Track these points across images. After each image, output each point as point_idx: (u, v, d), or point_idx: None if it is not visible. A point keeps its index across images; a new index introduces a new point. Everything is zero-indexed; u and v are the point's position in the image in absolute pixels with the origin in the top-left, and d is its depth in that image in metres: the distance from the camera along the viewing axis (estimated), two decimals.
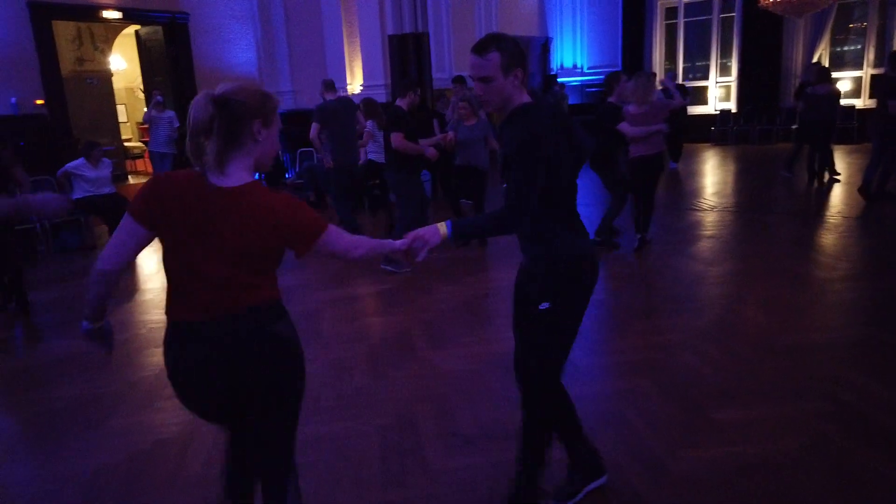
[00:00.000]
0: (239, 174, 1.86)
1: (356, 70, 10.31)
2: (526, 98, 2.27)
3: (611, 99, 6.27)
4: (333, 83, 7.19)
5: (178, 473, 2.96)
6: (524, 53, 2.26)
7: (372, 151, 8.11)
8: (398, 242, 2.19)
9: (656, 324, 4.47)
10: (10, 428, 3.63)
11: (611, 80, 6.37)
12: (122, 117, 14.82)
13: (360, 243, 2.06)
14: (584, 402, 3.35)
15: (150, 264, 6.86)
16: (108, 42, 14.34)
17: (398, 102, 6.09)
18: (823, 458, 2.76)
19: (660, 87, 7.96)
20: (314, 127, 6.75)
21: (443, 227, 2.21)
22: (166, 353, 1.91)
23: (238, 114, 1.81)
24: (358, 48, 10.14)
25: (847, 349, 3.86)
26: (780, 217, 7.69)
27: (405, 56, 9.75)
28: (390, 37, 9.71)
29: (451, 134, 6.75)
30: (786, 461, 2.76)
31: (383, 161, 6.68)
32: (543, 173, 2.17)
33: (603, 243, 6.33)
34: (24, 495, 2.88)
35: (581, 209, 2.36)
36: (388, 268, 6.03)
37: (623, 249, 6.37)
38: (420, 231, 2.21)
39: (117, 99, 14.77)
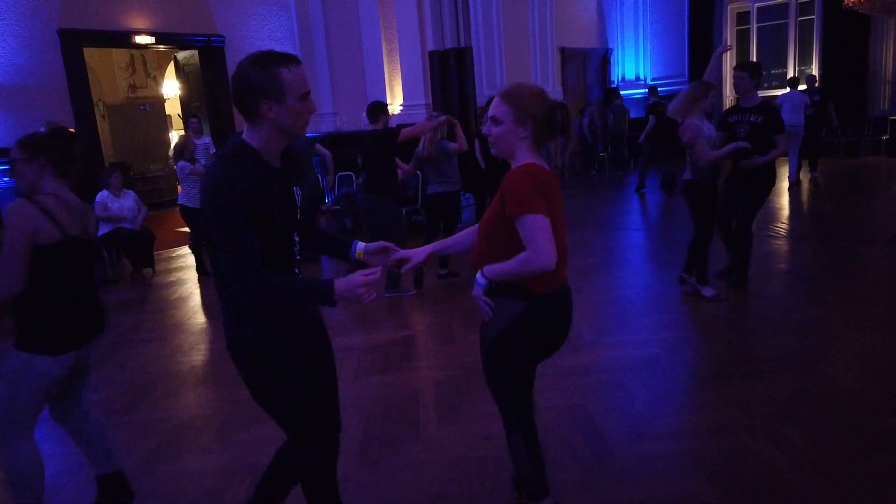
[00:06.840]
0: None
1: (396, 90, 9.78)
2: None
3: None
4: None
5: None
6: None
7: None
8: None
9: (720, 394, 3.62)
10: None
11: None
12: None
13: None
14: None
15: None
16: (161, 69, 14.46)
17: None
18: None
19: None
20: None
21: None
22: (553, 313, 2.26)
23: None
24: (398, 66, 9.60)
25: None
26: (876, 248, 6.60)
27: (446, 73, 9.15)
28: (430, 53, 9.13)
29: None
30: None
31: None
32: None
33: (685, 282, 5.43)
34: None
35: None
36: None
37: (678, 292, 5.47)
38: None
39: (174, 125, 14.85)
